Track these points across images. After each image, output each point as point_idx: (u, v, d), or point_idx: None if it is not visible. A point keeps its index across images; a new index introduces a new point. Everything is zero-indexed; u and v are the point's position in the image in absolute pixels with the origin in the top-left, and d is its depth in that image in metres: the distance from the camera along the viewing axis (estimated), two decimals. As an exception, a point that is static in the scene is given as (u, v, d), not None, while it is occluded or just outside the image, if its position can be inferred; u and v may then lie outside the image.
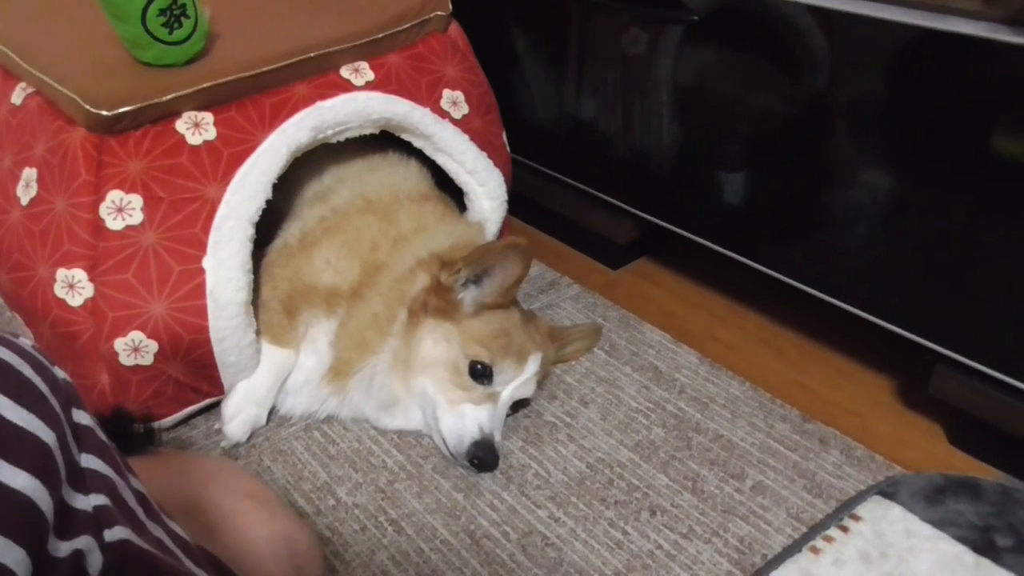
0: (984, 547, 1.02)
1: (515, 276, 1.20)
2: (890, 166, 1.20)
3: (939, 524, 1.06)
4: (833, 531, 1.07)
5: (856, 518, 1.08)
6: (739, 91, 1.34)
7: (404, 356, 1.21)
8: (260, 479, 1.02)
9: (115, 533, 0.46)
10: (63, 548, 0.43)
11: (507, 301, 1.23)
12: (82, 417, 0.49)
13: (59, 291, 1.13)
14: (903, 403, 1.36)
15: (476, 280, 1.21)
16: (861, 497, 1.12)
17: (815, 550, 1.04)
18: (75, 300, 1.13)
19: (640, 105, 1.47)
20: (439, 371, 1.19)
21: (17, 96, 1.24)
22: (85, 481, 0.47)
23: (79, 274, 1.13)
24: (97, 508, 0.46)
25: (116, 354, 1.14)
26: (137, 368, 1.16)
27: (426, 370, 1.20)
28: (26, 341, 0.48)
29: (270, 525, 0.80)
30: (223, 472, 0.86)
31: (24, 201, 1.17)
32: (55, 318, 1.15)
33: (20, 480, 0.40)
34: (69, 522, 0.44)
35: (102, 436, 0.51)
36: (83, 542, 0.44)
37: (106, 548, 0.45)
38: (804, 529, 1.10)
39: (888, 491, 1.11)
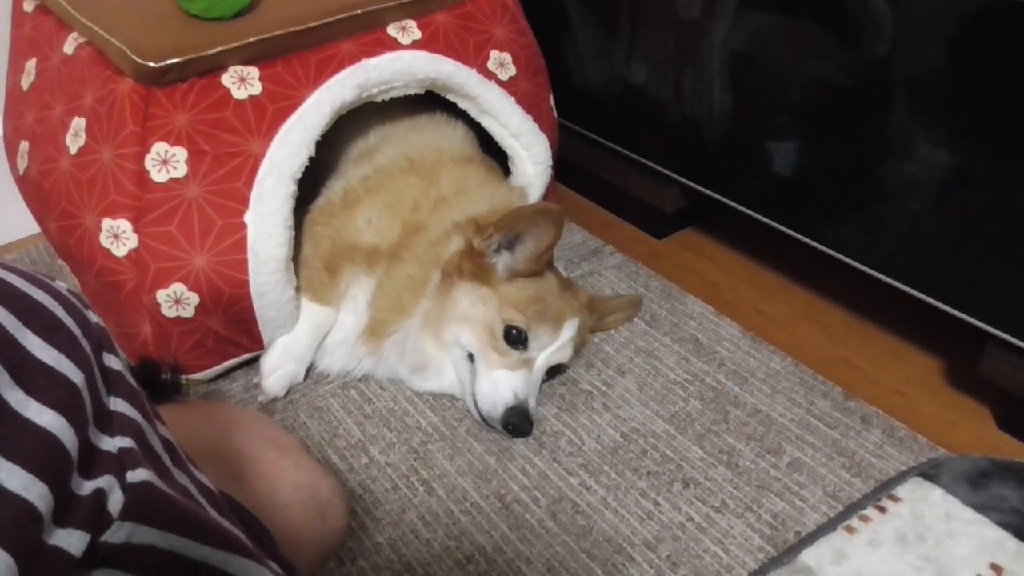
0: (1028, 534, 1.00)
1: (547, 242, 1.18)
2: (946, 138, 1.15)
3: (981, 508, 1.03)
4: (870, 511, 1.04)
5: (895, 499, 1.05)
6: (794, 58, 1.29)
7: (436, 315, 1.21)
8: (284, 428, 1.03)
9: (138, 475, 0.46)
10: (86, 486, 0.43)
11: (540, 268, 1.22)
12: (113, 362, 0.49)
13: (104, 241, 1.15)
14: (951, 384, 1.32)
15: (509, 246, 1.20)
16: (901, 478, 1.09)
17: (850, 529, 1.02)
18: (120, 250, 1.15)
19: (692, 71, 1.44)
20: (476, 328, 1.19)
21: (69, 46, 1.25)
22: (112, 423, 0.47)
23: (124, 224, 1.14)
24: (122, 450, 0.46)
25: (158, 305, 1.16)
26: (179, 320, 1.17)
27: (462, 322, 1.19)
28: (61, 284, 0.48)
29: (294, 473, 0.81)
30: (248, 420, 0.87)
31: (73, 150, 1.18)
32: (100, 267, 1.17)
33: (46, 417, 0.41)
34: (93, 461, 0.44)
35: (132, 382, 0.51)
36: (105, 481, 0.44)
37: (127, 488, 0.45)
38: (840, 508, 1.08)
39: (930, 473, 1.08)
